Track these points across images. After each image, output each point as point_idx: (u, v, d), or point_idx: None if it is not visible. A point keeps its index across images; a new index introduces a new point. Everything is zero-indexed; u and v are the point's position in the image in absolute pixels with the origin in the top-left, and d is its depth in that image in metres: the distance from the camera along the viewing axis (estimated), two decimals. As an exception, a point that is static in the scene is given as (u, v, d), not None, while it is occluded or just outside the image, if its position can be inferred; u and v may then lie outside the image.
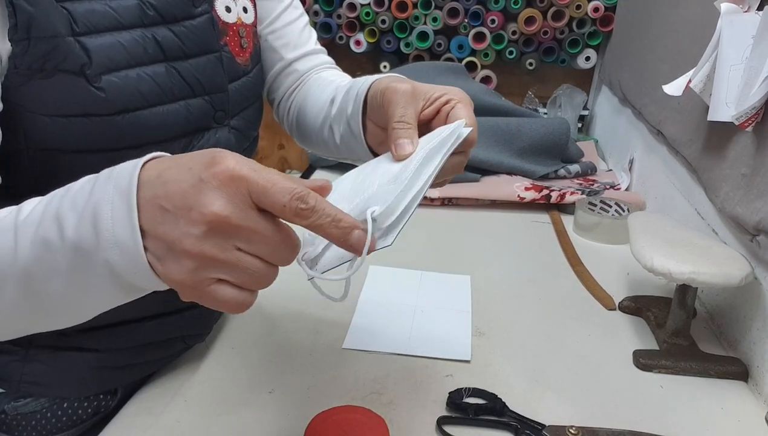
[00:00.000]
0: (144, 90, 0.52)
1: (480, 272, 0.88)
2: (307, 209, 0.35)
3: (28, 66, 0.46)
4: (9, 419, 0.60)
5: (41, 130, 0.49)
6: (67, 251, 0.37)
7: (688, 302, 0.69)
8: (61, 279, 0.38)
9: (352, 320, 0.74)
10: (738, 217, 0.69)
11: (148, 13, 0.52)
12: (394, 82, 0.53)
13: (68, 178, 0.52)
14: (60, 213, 0.37)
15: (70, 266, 0.37)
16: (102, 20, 0.49)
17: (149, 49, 0.52)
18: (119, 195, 0.36)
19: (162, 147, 0.54)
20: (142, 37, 0.51)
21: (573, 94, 1.56)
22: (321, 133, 0.67)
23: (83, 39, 0.48)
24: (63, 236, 0.37)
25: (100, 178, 0.38)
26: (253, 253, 0.36)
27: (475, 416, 0.59)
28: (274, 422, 0.58)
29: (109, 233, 0.35)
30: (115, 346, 0.60)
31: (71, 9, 0.47)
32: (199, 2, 0.56)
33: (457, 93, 0.53)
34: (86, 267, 0.37)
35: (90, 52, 0.48)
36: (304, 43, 0.74)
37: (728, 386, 0.66)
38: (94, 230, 0.36)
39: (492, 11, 1.54)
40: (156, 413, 0.59)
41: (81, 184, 0.39)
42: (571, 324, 0.76)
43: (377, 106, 0.54)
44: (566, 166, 1.24)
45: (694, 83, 0.76)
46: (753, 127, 0.67)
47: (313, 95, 0.69)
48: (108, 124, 0.51)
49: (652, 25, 1.17)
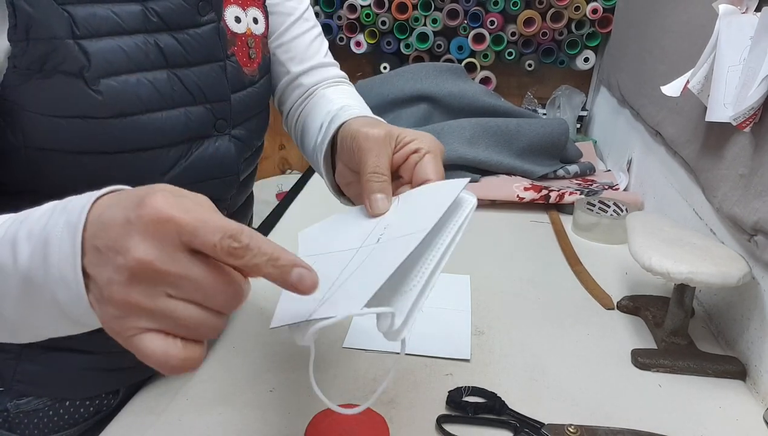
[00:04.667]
0: (143, 95, 0.52)
1: (479, 271, 0.88)
2: (240, 248, 0.32)
3: (27, 66, 0.46)
4: (11, 417, 0.60)
5: (38, 129, 0.50)
6: (18, 277, 0.35)
7: (686, 302, 0.69)
8: (13, 302, 0.37)
9: (353, 320, 0.75)
10: (736, 217, 0.70)
11: (152, 19, 0.52)
12: (366, 126, 0.51)
13: (63, 178, 0.52)
14: (16, 239, 0.36)
15: (22, 292, 0.36)
16: (103, 24, 0.49)
17: (151, 55, 0.52)
18: (68, 231, 0.34)
19: (159, 152, 0.54)
20: (144, 43, 0.52)
21: (572, 94, 1.57)
22: (313, 156, 0.65)
23: (83, 42, 0.48)
24: (16, 262, 0.35)
25: (56, 209, 0.36)
26: (186, 299, 0.33)
27: (474, 414, 0.59)
28: (275, 420, 0.58)
29: (55, 269, 0.34)
30: (108, 348, 0.60)
31: (73, 12, 0.47)
32: (205, 11, 0.55)
33: (428, 141, 0.51)
34: (36, 297, 0.36)
35: (89, 55, 0.48)
36: (312, 57, 0.73)
37: (726, 385, 0.66)
38: (43, 263, 0.34)
39: (491, 13, 1.55)
40: (157, 411, 0.59)
41: (41, 212, 0.37)
42: (569, 323, 0.76)
43: (347, 149, 0.53)
44: (565, 167, 1.25)
45: (692, 84, 0.77)
46: (751, 127, 0.67)
47: (312, 115, 0.68)
48: (104, 127, 0.51)
49: (650, 26, 1.17)
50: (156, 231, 0.32)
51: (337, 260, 0.44)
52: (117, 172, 0.53)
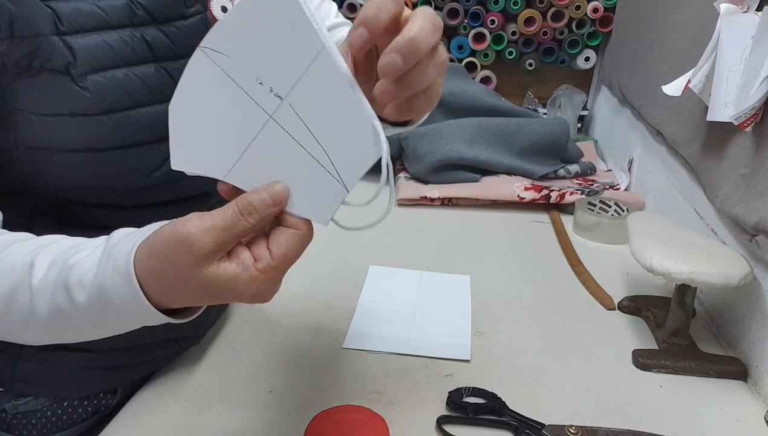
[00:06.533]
0: (131, 90, 0.51)
1: (480, 271, 0.88)
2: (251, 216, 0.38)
3: (15, 64, 0.46)
4: (9, 417, 0.60)
5: (29, 128, 0.49)
6: (82, 312, 0.42)
7: (687, 302, 0.69)
8: (79, 328, 0.44)
9: (352, 320, 0.74)
10: (737, 217, 0.70)
11: (138, 13, 0.51)
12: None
13: (56, 177, 0.52)
14: (68, 285, 0.41)
15: (87, 320, 0.43)
16: (88, 19, 0.49)
17: (138, 50, 0.52)
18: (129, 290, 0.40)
19: (151, 148, 0.54)
20: (130, 37, 0.51)
21: (572, 94, 1.56)
22: None
23: (68, 38, 0.47)
24: (75, 304, 0.42)
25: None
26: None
27: (474, 415, 0.59)
28: (275, 421, 0.58)
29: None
30: (106, 346, 0.59)
31: (56, 8, 0.47)
32: (191, 2, 0.55)
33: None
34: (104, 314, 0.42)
35: (75, 51, 0.48)
36: (324, 19, 0.72)
37: (727, 385, 0.66)
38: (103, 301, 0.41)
39: (492, 12, 1.54)
40: (156, 412, 0.59)
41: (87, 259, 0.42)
42: (570, 324, 0.76)
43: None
44: (566, 167, 1.24)
45: (693, 84, 0.76)
46: (752, 127, 0.67)
47: None
48: (94, 124, 0.50)
49: (651, 25, 1.17)
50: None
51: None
52: (110, 169, 0.52)
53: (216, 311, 0.69)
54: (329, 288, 0.82)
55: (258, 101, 0.39)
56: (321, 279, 0.84)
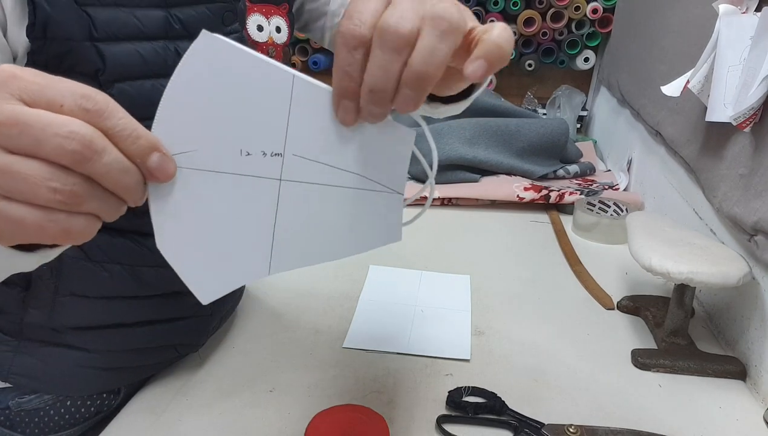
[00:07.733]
0: (157, 101, 0.52)
1: (480, 271, 0.88)
2: (94, 111, 0.30)
3: (45, 64, 0.46)
4: (12, 415, 0.60)
5: None
6: None
7: (686, 302, 0.69)
8: None
9: (353, 320, 0.75)
10: (736, 217, 0.70)
11: (174, 26, 0.51)
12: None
13: None
14: None
15: None
16: (123, 28, 0.48)
17: (169, 61, 0.51)
18: None
19: None
20: (163, 49, 0.51)
21: (572, 94, 1.57)
22: None
23: (100, 45, 0.47)
24: None
25: None
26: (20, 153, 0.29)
27: (474, 414, 0.59)
28: (275, 420, 0.58)
29: None
30: (106, 347, 0.60)
31: (93, 14, 0.47)
32: (229, 21, 0.54)
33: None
34: None
35: (105, 58, 0.48)
36: None
37: (726, 385, 0.66)
38: None
39: (491, 12, 1.54)
40: (158, 412, 0.59)
41: None
42: (569, 323, 0.76)
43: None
44: (565, 167, 1.25)
45: (692, 84, 0.77)
46: (751, 127, 0.67)
47: None
48: None
49: (650, 26, 1.17)
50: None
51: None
52: None
53: (218, 320, 0.69)
54: (329, 288, 0.82)
55: (258, 174, 0.34)
56: (321, 279, 0.84)
